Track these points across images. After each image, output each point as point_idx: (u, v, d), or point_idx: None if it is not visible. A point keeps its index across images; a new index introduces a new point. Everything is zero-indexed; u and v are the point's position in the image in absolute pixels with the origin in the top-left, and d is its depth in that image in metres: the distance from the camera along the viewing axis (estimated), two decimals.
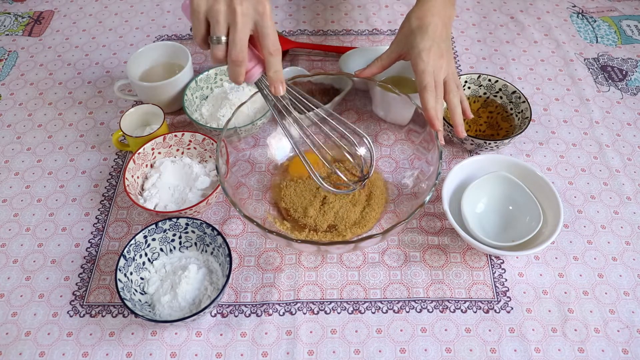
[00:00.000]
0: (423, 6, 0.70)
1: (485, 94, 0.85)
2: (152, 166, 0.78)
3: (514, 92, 0.82)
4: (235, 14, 0.53)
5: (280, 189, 0.74)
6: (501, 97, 0.84)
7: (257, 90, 0.70)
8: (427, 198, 0.61)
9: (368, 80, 0.74)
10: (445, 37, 0.70)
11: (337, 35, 1.02)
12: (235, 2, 0.53)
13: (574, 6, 1.08)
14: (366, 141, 0.65)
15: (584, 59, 0.97)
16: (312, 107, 0.62)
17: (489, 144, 0.76)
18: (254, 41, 0.57)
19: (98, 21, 1.06)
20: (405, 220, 0.59)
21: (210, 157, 0.78)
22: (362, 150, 0.66)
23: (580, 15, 1.06)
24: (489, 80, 0.84)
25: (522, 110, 0.80)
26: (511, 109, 0.83)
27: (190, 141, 0.78)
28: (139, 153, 0.75)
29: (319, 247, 0.61)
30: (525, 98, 0.80)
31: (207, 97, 0.87)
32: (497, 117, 0.83)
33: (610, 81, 0.93)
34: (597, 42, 1.00)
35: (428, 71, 0.67)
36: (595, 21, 1.04)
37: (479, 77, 0.84)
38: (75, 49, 1.01)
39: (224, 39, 0.54)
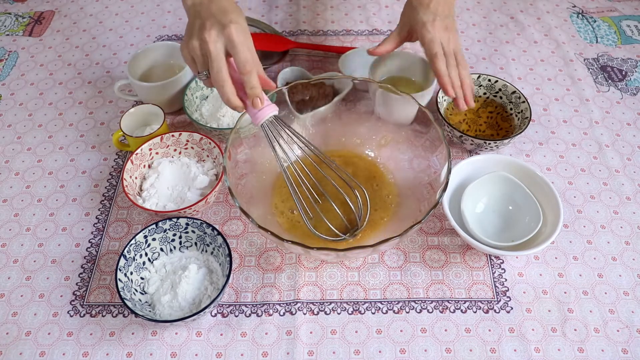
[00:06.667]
0: None
1: (485, 94, 0.85)
2: (149, 167, 0.78)
3: (513, 92, 0.82)
4: (207, 44, 0.57)
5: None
6: (501, 97, 0.84)
7: None
8: (439, 197, 0.61)
9: (368, 80, 0.74)
10: (448, 14, 0.71)
11: (337, 36, 1.02)
12: (204, 33, 0.57)
13: (574, 6, 1.08)
14: (362, 191, 0.68)
15: (584, 59, 0.97)
16: (307, 145, 0.65)
17: (489, 144, 0.76)
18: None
19: (98, 21, 1.06)
20: (421, 222, 0.59)
21: (207, 156, 0.78)
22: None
23: (580, 15, 1.06)
24: (489, 80, 0.84)
25: (522, 110, 0.80)
26: (511, 109, 0.83)
27: (187, 141, 0.78)
28: (136, 154, 0.75)
29: (337, 254, 0.60)
30: (525, 98, 0.80)
31: (207, 97, 0.87)
32: (497, 117, 0.83)
33: (610, 81, 0.93)
34: (597, 42, 1.00)
35: (435, 40, 0.67)
36: (595, 21, 1.04)
37: (479, 77, 0.84)
38: (76, 49, 1.01)
39: (205, 72, 0.59)
